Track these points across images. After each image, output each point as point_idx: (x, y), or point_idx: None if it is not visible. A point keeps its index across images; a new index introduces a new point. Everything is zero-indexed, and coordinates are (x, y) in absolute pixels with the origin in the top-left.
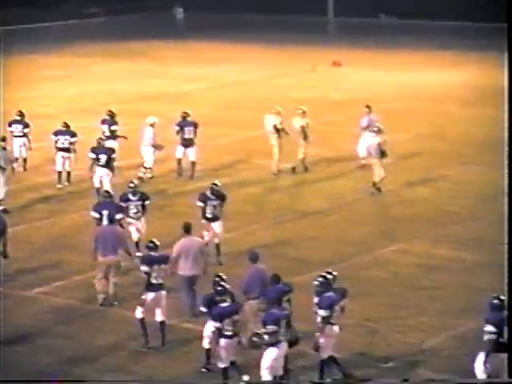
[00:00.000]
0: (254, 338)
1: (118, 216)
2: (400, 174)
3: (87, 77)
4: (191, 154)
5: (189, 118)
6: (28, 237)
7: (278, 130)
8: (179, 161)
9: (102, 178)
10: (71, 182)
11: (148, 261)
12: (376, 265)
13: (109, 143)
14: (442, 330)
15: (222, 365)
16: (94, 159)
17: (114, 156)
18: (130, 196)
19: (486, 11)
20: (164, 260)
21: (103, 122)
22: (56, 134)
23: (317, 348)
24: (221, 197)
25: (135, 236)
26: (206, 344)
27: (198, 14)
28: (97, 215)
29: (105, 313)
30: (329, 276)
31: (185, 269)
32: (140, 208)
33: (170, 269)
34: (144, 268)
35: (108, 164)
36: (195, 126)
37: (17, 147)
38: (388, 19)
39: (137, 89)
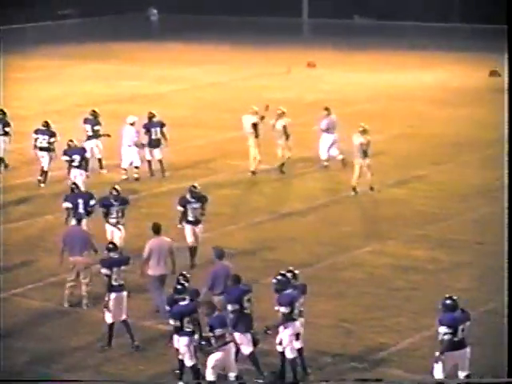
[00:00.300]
0: (203, 342)
1: (92, 202)
2: (375, 174)
3: (62, 79)
4: (157, 153)
5: (155, 119)
6: (3, 238)
7: (256, 127)
8: (149, 162)
9: (76, 178)
10: (47, 183)
11: (108, 263)
12: (352, 266)
13: (92, 143)
14: (417, 331)
15: (189, 363)
16: (68, 161)
17: (87, 156)
18: (112, 201)
19: (464, 13)
20: (124, 261)
21: (86, 121)
22: (36, 132)
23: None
24: (201, 199)
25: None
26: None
27: (172, 16)
28: (70, 205)
29: (80, 314)
30: (288, 274)
31: (155, 269)
32: (120, 213)
33: (142, 269)
34: (104, 271)
35: (82, 164)
36: (162, 125)
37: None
38: (363, 20)
39: (112, 90)
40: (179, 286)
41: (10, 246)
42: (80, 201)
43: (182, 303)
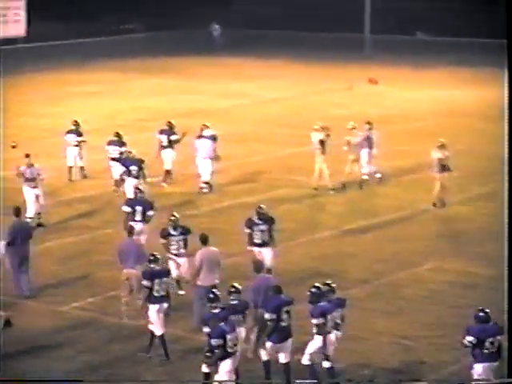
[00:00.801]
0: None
1: (150, 213)
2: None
3: (123, 93)
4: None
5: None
6: (63, 252)
7: (323, 144)
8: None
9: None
10: (106, 197)
11: (149, 275)
12: (412, 282)
13: (167, 152)
14: None
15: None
16: (124, 172)
17: (144, 166)
18: (171, 230)
19: None
20: (166, 273)
21: (161, 132)
22: (109, 143)
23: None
24: (268, 220)
25: (175, 273)
26: None
27: (234, 31)
28: (129, 209)
29: (139, 327)
30: (322, 287)
31: (205, 279)
32: (181, 244)
33: (193, 280)
34: (145, 282)
35: (139, 175)
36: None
37: (71, 157)
38: (425, 36)
39: (173, 105)
40: (211, 295)
41: (69, 259)
42: (138, 208)
43: (213, 311)
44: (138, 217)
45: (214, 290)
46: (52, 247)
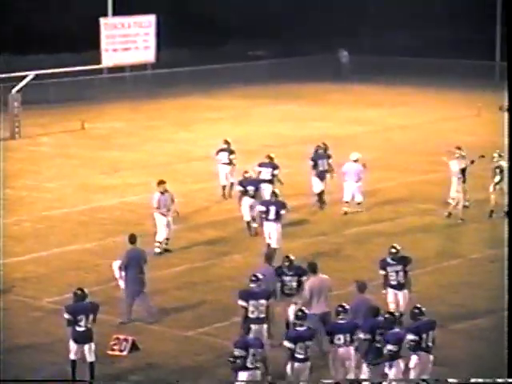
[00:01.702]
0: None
1: (283, 211)
2: None
3: (250, 119)
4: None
5: (321, 151)
6: (189, 277)
7: (464, 172)
8: (318, 194)
9: (250, 207)
10: (229, 222)
11: (245, 295)
12: None
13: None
14: None
15: None
16: (242, 192)
17: (261, 187)
18: (285, 270)
19: None
20: (264, 296)
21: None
22: (260, 165)
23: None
24: (402, 260)
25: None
26: None
27: (363, 58)
28: (264, 209)
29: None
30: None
31: (316, 307)
32: (294, 285)
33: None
34: (241, 303)
35: (256, 195)
36: (329, 157)
37: (223, 175)
38: None
39: (300, 131)
40: (299, 313)
41: (195, 284)
42: (272, 208)
43: (298, 328)
44: (272, 215)
45: (302, 308)
46: (179, 272)
